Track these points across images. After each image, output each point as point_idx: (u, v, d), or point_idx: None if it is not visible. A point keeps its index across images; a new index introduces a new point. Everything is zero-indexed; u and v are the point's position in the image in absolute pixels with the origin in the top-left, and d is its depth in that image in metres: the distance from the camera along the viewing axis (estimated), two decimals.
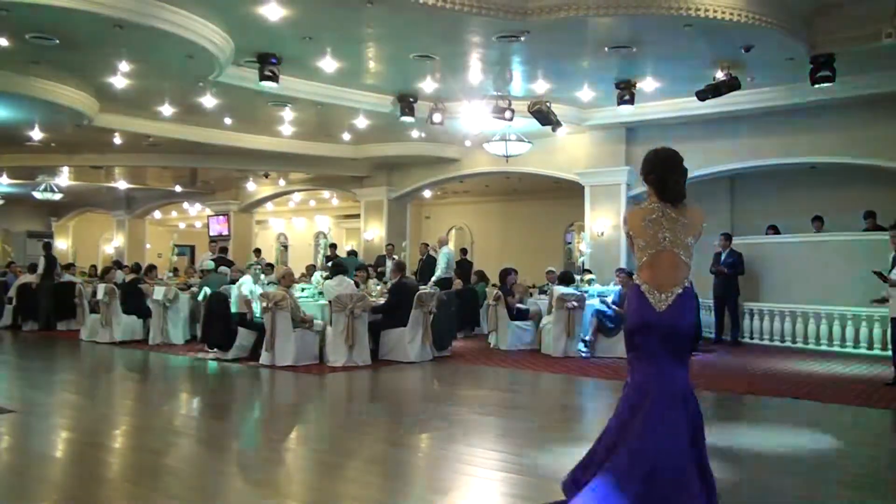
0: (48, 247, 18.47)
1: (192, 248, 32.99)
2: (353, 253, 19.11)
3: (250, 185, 25.99)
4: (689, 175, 4.66)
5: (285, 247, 33.63)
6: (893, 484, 5.65)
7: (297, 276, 15.48)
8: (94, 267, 23.21)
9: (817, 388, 9.57)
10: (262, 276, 13.62)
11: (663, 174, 4.57)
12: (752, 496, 5.21)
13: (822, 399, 8.90)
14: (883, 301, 10.02)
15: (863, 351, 12.84)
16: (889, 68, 12.64)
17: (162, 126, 16.88)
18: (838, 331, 13.18)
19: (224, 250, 19.89)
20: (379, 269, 17.12)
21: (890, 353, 10.61)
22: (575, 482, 4.58)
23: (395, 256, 17.14)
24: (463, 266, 18.58)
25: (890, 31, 9.70)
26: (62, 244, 31.95)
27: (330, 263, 14.51)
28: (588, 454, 4.63)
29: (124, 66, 12.43)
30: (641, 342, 4.54)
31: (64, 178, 23.60)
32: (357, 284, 12.62)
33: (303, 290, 13.54)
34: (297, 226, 33.33)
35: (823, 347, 13.27)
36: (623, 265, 15.52)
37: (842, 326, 13.16)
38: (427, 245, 19.41)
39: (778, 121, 14.99)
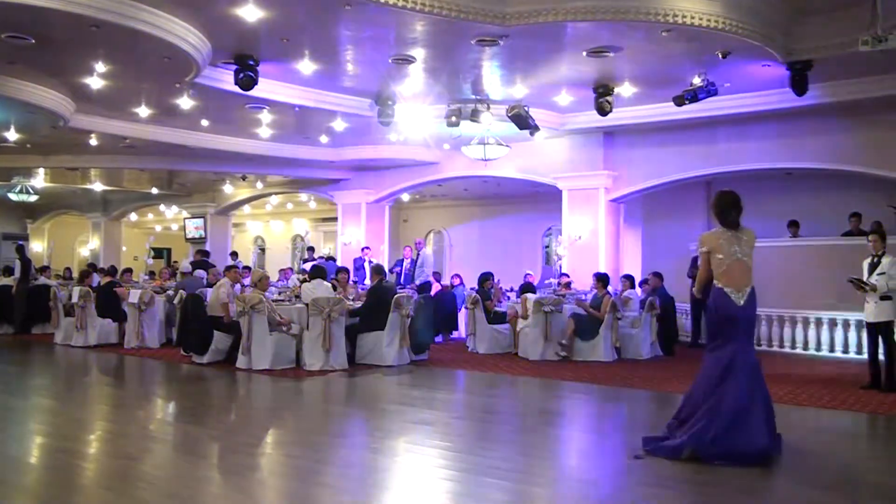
0: (22, 249, 18.25)
1: (169, 250, 32.82)
2: (331, 259, 19.01)
3: (227, 188, 25.86)
4: (667, 180, 5.71)
5: (262, 250, 33.51)
6: (869, 487, 5.69)
7: (273, 279, 15.45)
8: (68, 269, 23.02)
9: (793, 392, 9.63)
10: (241, 280, 13.57)
11: (724, 211, 6.47)
12: (729, 498, 5.23)
13: (799, 403, 8.96)
14: (861, 284, 9.90)
15: (838, 355, 12.93)
16: (865, 75, 12.73)
17: (139, 128, 16.73)
18: (814, 334, 13.27)
19: (206, 254, 19.74)
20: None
21: (865, 356, 10.70)
22: (666, 437, 6.32)
23: (373, 260, 17.09)
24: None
25: (866, 38, 9.74)
26: (38, 246, 31.68)
27: (306, 266, 14.45)
28: (681, 416, 6.39)
29: (101, 67, 12.31)
30: (726, 330, 6.26)
31: (40, 180, 23.39)
32: (334, 287, 12.58)
33: (280, 293, 13.49)
34: (274, 229, 33.22)
35: (799, 351, 13.36)
36: (601, 269, 15.55)
37: (817, 330, 13.25)
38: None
39: (755, 126, 15.06)
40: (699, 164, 16.03)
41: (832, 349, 13.09)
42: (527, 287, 14.24)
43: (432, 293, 15.93)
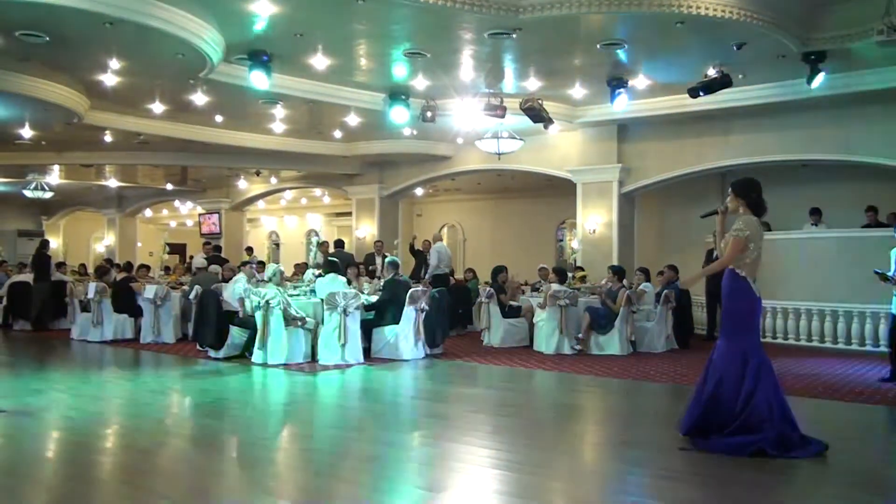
0: (44, 245, 18.15)
1: (184, 246, 32.95)
2: (339, 243, 18.99)
3: (241, 184, 25.93)
4: (682, 172, 5.53)
5: (277, 245, 33.57)
6: (888, 480, 5.65)
7: (287, 274, 15.46)
8: (83, 265, 23.10)
9: (813, 385, 9.56)
10: (257, 275, 13.59)
11: (760, 198, 6.39)
12: (745, 492, 5.20)
13: (818, 395, 8.90)
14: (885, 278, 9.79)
15: (854, 347, 12.84)
16: (880, 65, 12.65)
17: (153, 124, 16.79)
18: (830, 327, 13.19)
19: (218, 249, 19.79)
20: (370, 268, 17.06)
21: (886, 349, 10.61)
22: (693, 424, 6.37)
23: (387, 254, 17.09)
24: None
25: (881, 28, 9.70)
26: (53, 243, 31.79)
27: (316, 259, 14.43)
28: (708, 402, 6.30)
29: (114, 64, 12.35)
30: (749, 320, 6.35)
31: (54, 177, 23.50)
32: (349, 282, 12.59)
33: (294, 287, 13.50)
34: (288, 224, 33.27)
35: (815, 343, 13.28)
36: (615, 262, 15.51)
37: (833, 322, 13.17)
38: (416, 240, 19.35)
39: (770, 118, 15.00)
40: (714, 156, 15.98)
41: (849, 341, 13.00)
42: (558, 273, 13.88)
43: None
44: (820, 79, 12.03)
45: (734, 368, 6.24)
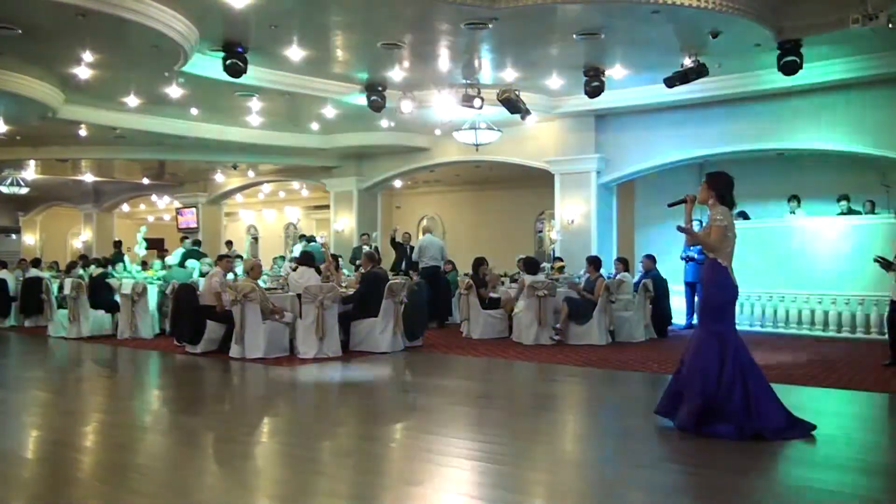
0: (118, 244, 18.24)
1: (162, 240, 32.73)
2: (311, 238, 18.89)
3: (219, 177, 25.79)
4: (659, 163, 5.49)
5: (255, 238, 33.45)
6: (890, 467, 5.68)
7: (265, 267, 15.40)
8: (55, 263, 22.93)
9: (806, 372, 9.57)
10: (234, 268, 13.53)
11: (729, 192, 6.51)
12: (735, 478, 5.22)
13: (817, 383, 8.87)
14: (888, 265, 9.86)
15: (832, 333, 12.95)
16: (856, 54, 12.73)
17: (128, 118, 16.68)
18: (808, 314, 13.30)
19: (198, 243, 19.67)
20: (357, 263, 16.98)
21: (861, 335, 10.69)
22: (675, 407, 6.45)
23: (364, 246, 17.04)
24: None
25: (857, 16, 9.73)
26: (30, 239, 31.60)
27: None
28: (696, 390, 6.27)
29: (89, 57, 12.24)
30: (729, 308, 6.48)
31: (30, 172, 23.30)
32: (318, 271, 12.54)
33: (272, 282, 13.46)
34: (266, 217, 33.15)
35: (793, 330, 13.39)
36: (594, 252, 15.53)
37: (811, 310, 13.27)
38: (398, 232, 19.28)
39: (746, 107, 15.04)
40: (691, 145, 16.01)
41: (826, 328, 13.11)
42: (529, 264, 13.84)
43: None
44: (795, 67, 12.05)
45: (713, 354, 6.29)
